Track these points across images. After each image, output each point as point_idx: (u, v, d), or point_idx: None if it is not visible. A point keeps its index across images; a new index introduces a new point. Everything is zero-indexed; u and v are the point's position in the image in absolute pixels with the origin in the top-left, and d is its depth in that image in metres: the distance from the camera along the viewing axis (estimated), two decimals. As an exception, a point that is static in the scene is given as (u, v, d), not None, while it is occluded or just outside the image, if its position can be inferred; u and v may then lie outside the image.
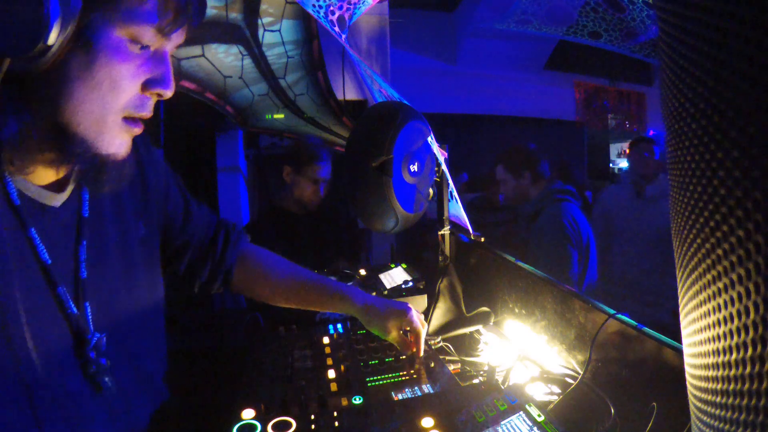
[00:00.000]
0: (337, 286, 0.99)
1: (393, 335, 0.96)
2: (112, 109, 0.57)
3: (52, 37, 0.48)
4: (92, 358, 0.61)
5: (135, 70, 0.58)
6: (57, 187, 0.62)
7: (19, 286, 0.54)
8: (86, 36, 0.52)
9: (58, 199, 0.62)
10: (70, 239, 0.63)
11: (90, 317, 0.63)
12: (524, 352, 1.10)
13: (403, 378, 0.90)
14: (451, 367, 1.02)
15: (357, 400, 0.80)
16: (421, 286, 1.39)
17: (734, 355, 0.27)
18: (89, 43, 0.53)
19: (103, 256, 0.68)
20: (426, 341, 1.00)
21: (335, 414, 0.73)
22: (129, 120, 0.60)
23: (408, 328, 0.97)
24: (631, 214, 2.47)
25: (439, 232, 1.43)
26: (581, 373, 0.91)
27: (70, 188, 0.64)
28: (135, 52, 0.57)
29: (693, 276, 0.31)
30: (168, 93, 0.62)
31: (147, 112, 0.61)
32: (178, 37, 0.62)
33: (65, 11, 0.48)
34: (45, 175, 0.60)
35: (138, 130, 0.61)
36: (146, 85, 0.60)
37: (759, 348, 0.26)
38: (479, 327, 1.24)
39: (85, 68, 0.54)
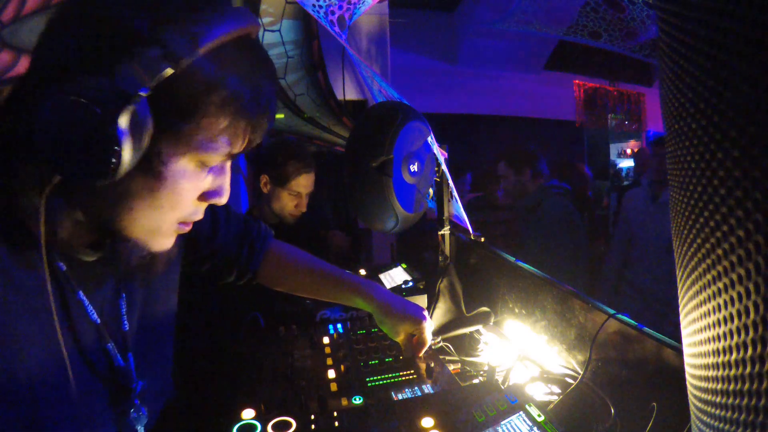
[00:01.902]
0: (357, 281, 1.03)
1: (401, 338, 0.98)
2: (169, 221, 0.57)
3: (117, 172, 0.46)
4: (136, 405, 0.64)
5: (196, 186, 0.57)
6: (96, 245, 0.62)
7: (72, 348, 0.56)
8: (154, 165, 0.51)
9: (96, 254, 0.62)
10: (111, 294, 0.64)
11: (133, 367, 0.65)
12: (524, 352, 1.10)
13: (403, 378, 0.90)
14: (451, 367, 1.02)
15: (357, 400, 0.80)
16: (421, 286, 1.39)
17: (734, 355, 0.27)
18: (157, 171, 0.51)
19: (136, 299, 0.69)
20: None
21: (335, 414, 0.73)
22: (181, 223, 0.60)
23: (416, 335, 0.97)
24: (646, 218, 2.47)
25: (439, 232, 1.43)
26: (581, 373, 0.91)
27: (105, 245, 0.64)
28: (200, 172, 0.56)
29: (693, 276, 0.31)
30: (223, 202, 0.61)
31: (200, 216, 0.61)
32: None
33: (134, 144, 0.46)
34: (78, 242, 0.60)
35: (187, 229, 0.61)
36: (203, 196, 0.59)
37: (759, 348, 0.26)
38: (479, 327, 1.24)
39: (149, 190, 0.52)
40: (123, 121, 0.44)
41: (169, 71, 0.46)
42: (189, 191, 0.56)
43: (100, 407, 0.60)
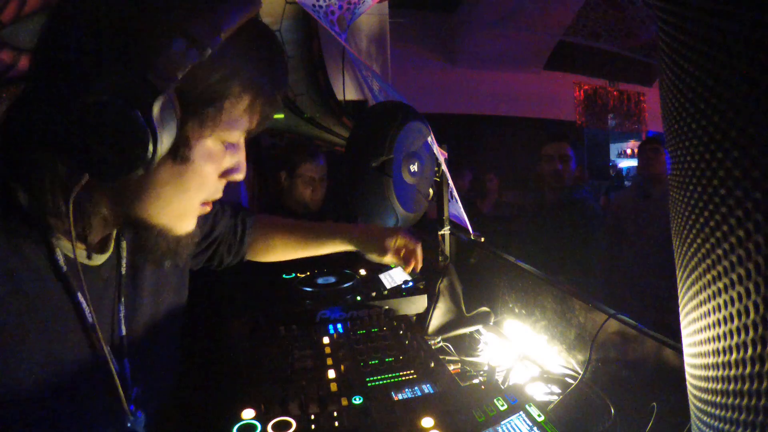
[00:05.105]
0: (332, 226, 1.08)
1: (390, 257, 1.03)
2: (194, 203, 0.58)
3: (153, 165, 0.48)
4: (131, 411, 0.63)
5: (218, 165, 0.58)
6: (99, 247, 0.62)
7: (62, 348, 0.55)
8: (182, 151, 0.52)
9: (99, 259, 0.62)
10: (110, 298, 0.64)
11: (129, 372, 0.64)
12: (524, 352, 1.10)
13: (403, 378, 0.90)
14: (451, 367, 1.02)
15: (357, 400, 0.80)
16: (421, 286, 1.39)
17: (734, 355, 0.27)
18: (184, 155, 0.52)
19: (139, 305, 0.68)
20: (426, 341, 1.00)
21: (335, 414, 0.73)
22: (203, 204, 0.61)
23: (403, 246, 1.02)
24: (640, 215, 2.46)
25: (439, 232, 1.43)
26: (581, 373, 0.91)
27: (111, 247, 0.64)
28: (221, 151, 0.58)
29: (693, 276, 0.31)
30: (242, 177, 0.62)
31: (220, 195, 0.62)
32: None
33: (164, 135, 0.47)
34: (92, 240, 0.60)
35: (208, 209, 0.62)
36: (223, 174, 0.60)
37: (759, 348, 0.26)
38: (479, 327, 1.24)
39: (177, 176, 0.54)
40: (156, 115, 0.45)
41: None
42: (213, 171, 0.57)
43: (94, 412, 0.59)
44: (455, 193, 1.46)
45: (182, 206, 0.57)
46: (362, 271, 1.59)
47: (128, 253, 0.66)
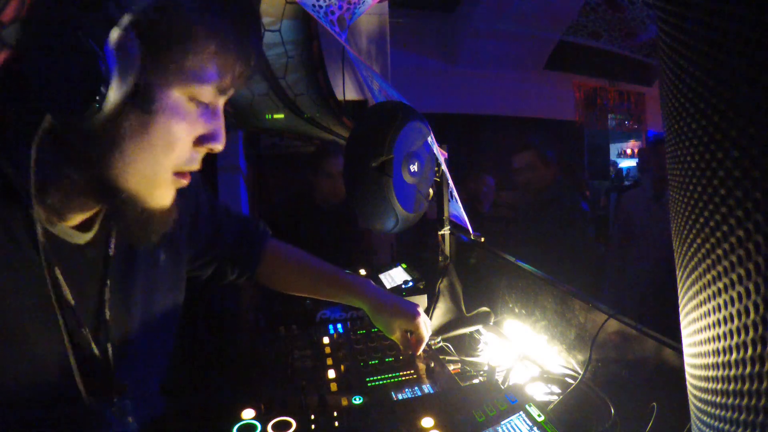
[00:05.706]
0: (349, 278, 1.03)
1: (396, 335, 0.98)
2: (165, 166, 0.55)
3: (107, 102, 0.46)
4: (114, 402, 0.61)
5: (190, 127, 0.56)
6: (84, 226, 0.60)
7: (41, 327, 0.54)
8: (144, 97, 0.50)
9: (84, 238, 0.60)
10: (94, 279, 0.62)
11: (112, 358, 0.62)
12: (524, 352, 1.10)
13: (403, 378, 0.90)
14: (451, 367, 1.02)
15: (357, 400, 0.80)
16: (421, 286, 1.39)
17: (734, 355, 0.27)
18: (147, 104, 0.50)
19: (127, 291, 0.66)
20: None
21: (335, 414, 0.73)
22: (178, 174, 0.58)
23: (412, 332, 0.97)
24: (649, 217, 2.46)
25: (439, 232, 1.43)
26: (581, 373, 0.91)
27: (96, 226, 0.62)
28: (191, 109, 0.55)
29: (693, 276, 0.31)
30: (219, 147, 0.59)
31: (197, 166, 0.60)
32: (232, 91, 0.60)
33: (123, 72, 0.46)
34: (74, 216, 0.59)
35: (185, 182, 0.59)
36: (198, 141, 0.58)
37: (759, 348, 0.26)
38: (479, 327, 1.24)
39: (141, 128, 0.51)
40: (111, 45, 0.44)
41: None
42: (182, 131, 0.54)
43: (71, 396, 0.56)
44: (455, 193, 1.46)
45: (150, 169, 0.54)
46: (362, 271, 1.59)
47: (117, 235, 0.64)
